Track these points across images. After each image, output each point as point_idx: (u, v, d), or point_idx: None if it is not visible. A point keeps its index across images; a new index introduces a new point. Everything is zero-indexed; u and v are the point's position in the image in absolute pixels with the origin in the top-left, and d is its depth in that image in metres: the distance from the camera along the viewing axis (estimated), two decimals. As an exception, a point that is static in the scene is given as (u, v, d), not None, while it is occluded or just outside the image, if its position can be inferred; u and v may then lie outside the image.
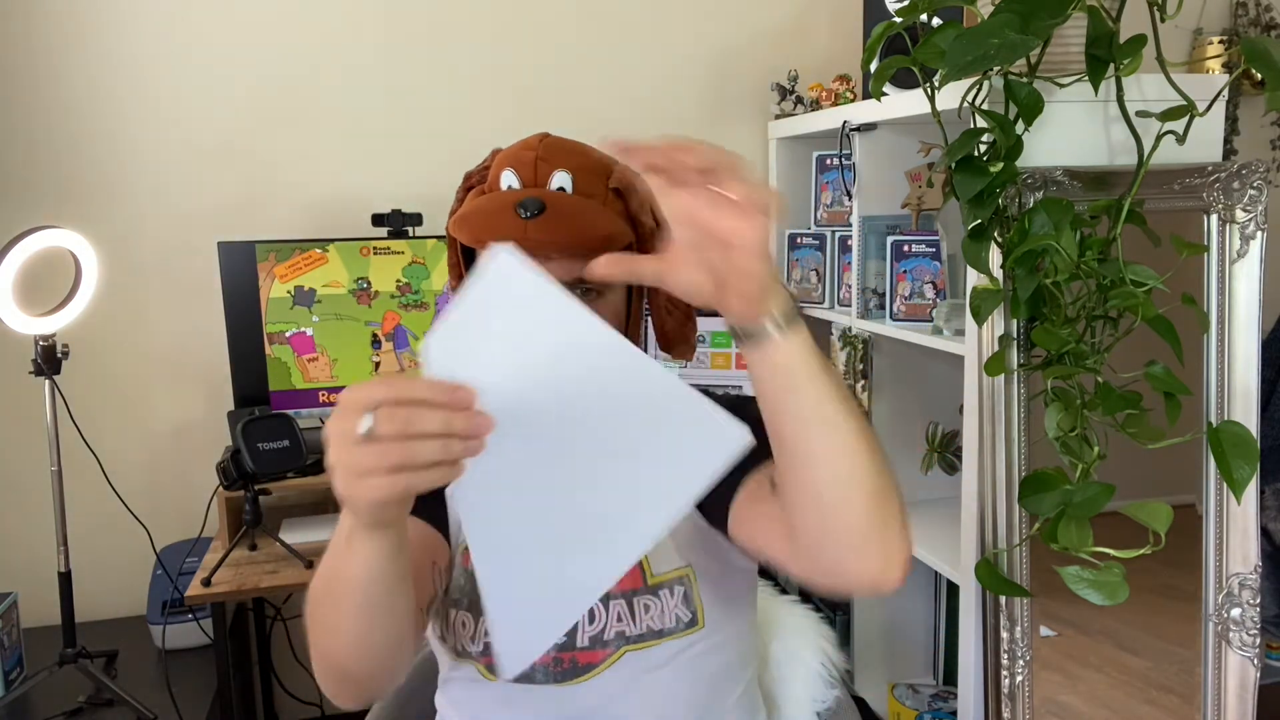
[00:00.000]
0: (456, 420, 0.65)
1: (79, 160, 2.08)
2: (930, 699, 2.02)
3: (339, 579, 0.79)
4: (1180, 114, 1.37)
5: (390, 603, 0.80)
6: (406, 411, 0.65)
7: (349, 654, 0.83)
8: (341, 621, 0.81)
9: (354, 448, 0.65)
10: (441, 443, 0.65)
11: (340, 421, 0.66)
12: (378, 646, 0.83)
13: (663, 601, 1.01)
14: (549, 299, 0.67)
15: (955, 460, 2.00)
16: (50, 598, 1.80)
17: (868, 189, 1.97)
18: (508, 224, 0.90)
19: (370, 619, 0.80)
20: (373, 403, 0.65)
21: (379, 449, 0.64)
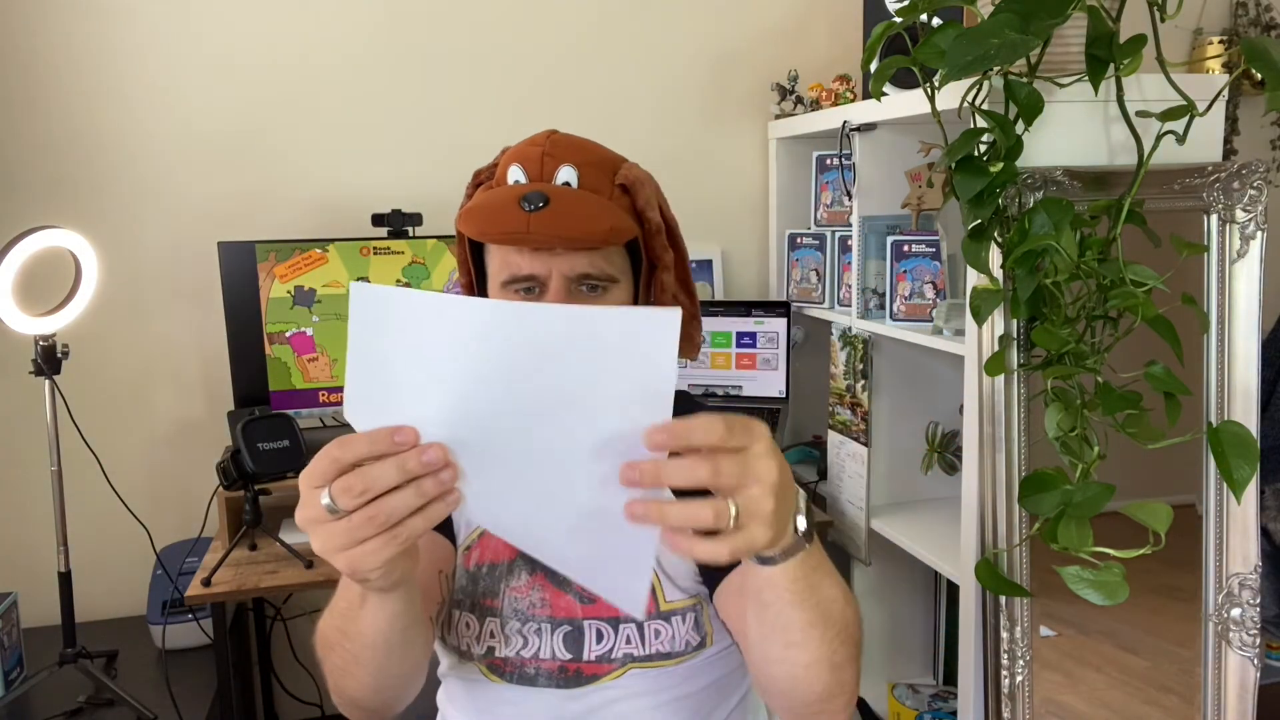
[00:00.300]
0: (410, 463, 0.64)
1: (79, 160, 2.08)
2: (930, 699, 2.02)
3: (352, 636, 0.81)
4: (1180, 114, 1.37)
5: (405, 648, 0.82)
6: (357, 479, 0.64)
7: (365, 694, 0.86)
8: (357, 670, 0.83)
9: (331, 527, 0.65)
10: (412, 489, 0.64)
11: (305, 510, 0.66)
12: (394, 682, 0.86)
13: (674, 627, 1.01)
14: (422, 304, 0.65)
15: (955, 460, 2.00)
16: (50, 598, 1.80)
17: (868, 189, 1.97)
18: (512, 217, 0.91)
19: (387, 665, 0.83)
20: (323, 480, 0.65)
21: (354, 522, 0.64)
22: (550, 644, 1.01)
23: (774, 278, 2.40)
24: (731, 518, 0.62)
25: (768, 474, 0.63)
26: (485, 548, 1.05)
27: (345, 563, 0.66)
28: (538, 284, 0.95)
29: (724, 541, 0.62)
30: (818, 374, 2.31)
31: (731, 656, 1.07)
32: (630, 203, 0.98)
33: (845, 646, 0.81)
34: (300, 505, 0.66)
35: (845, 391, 2.07)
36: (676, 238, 1.03)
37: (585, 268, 0.94)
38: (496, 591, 1.03)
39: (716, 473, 0.62)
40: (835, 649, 0.79)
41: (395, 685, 0.87)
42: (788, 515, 0.68)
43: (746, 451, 0.63)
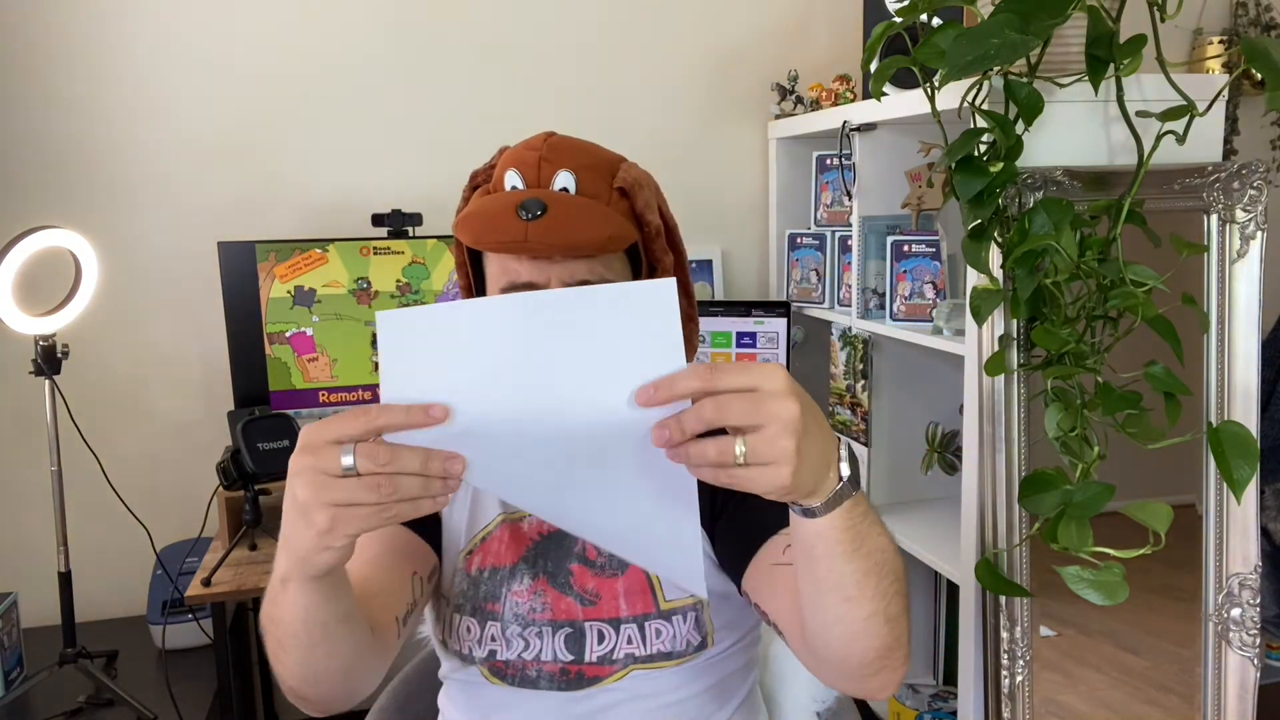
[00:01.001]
0: (434, 462, 0.66)
1: (79, 160, 2.08)
2: (930, 699, 2.02)
3: (277, 621, 0.80)
4: (1180, 114, 1.37)
5: (328, 642, 0.80)
6: (388, 448, 0.65)
7: (295, 681, 0.84)
8: (284, 656, 0.82)
9: (338, 482, 0.65)
10: (421, 480, 0.66)
11: (315, 458, 0.66)
12: (321, 674, 0.83)
13: (674, 626, 1.01)
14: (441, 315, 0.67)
15: (955, 460, 2.00)
16: (50, 598, 1.80)
17: (868, 189, 1.97)
18: (509, 225, 0.90)
19: (310, 656, 0.81)
20: (348, 439, 0.66)
21: (367, 482, 0.65)
22: (552, 646, 1.01)
23: (774, 278, 2.40)
24: (738, 455, 0.64)
25: (782, 412, 0.65)
26: (488, 552, 1.05)
27: (326, 519, 0.66)
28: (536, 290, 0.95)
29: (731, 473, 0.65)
30: (818, 374, 2.31)
31: (733, 658, 1.07)
32: (629, 206, 0.97)
33: (899, 598, 0.80)
34: (308, 453, 0.67)
35: (845, 391, 2.07)
36: (676, 239, 1.03)
37: (584, 274, 0.94)
38: (498, 596, 1.03)
39: (722, 412, 0.64)
40: (890, 600, 0.79)
41: (324, 678, 0.84)
42: (821, 460, 0.69)
43: (757, 391, 0.65)
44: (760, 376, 0.65)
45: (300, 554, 0.71)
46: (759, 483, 0.66)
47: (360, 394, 2.06)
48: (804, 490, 0.69)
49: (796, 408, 0.65)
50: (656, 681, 1.01)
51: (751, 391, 0.65)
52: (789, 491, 0.67)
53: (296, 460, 0.67)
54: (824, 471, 0.70)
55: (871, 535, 0.76)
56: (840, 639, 0.80)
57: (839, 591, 0.77)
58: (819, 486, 0.70)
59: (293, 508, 0.68)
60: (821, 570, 0.76)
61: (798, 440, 0.65)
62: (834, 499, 0.71)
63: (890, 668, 0.83)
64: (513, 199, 0.92)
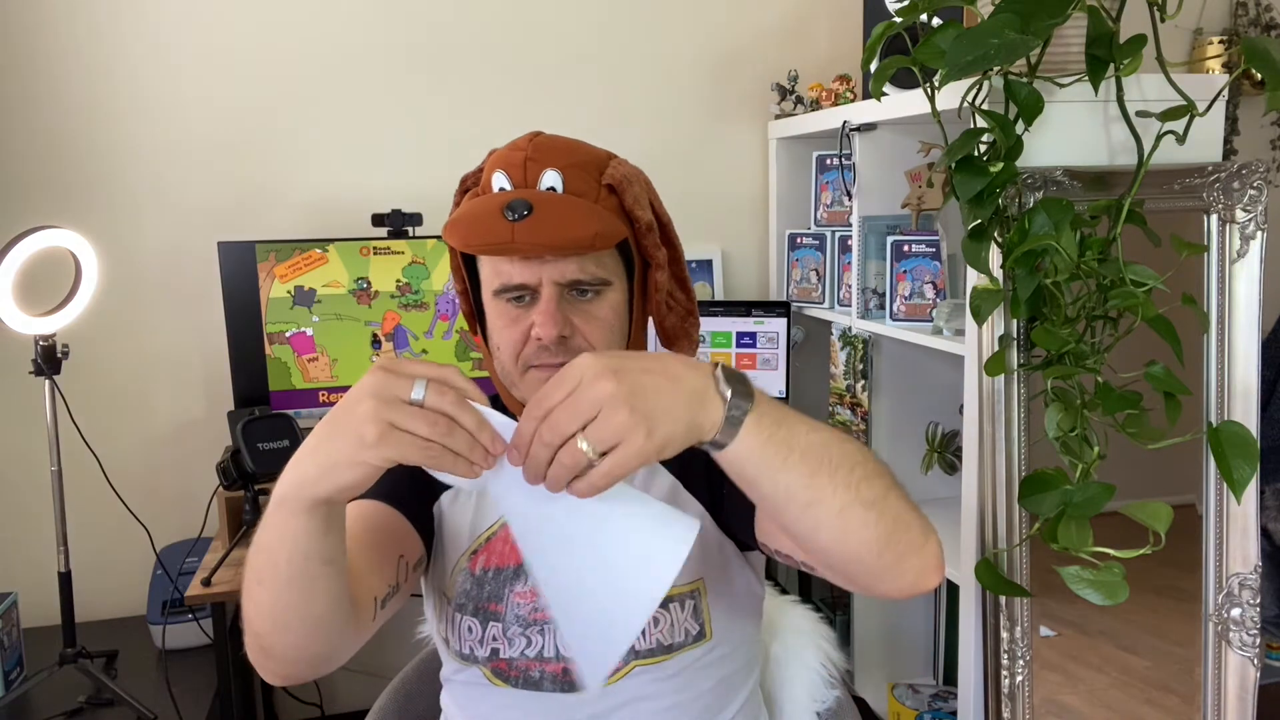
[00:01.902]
0: (485, 431, 0.69)
1: (79, 160, 2.08)
2: (930, 699, 2.02)
3: (259, 548, 0.78)
4: (1180, 114, 1.37)
5: (307, 581, 0.78)
6: (457, 396, 0.69)
7: (264, 625, 0.81)
8: (260, 591, 0.79)
9: (400, 405, 0.68)
10: (470, 440, 0.69)
11: (391, 378, 0.69)
12: (292, 620, 0.80)
13: (672, 615, 1.01)
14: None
15: (955, 460, 2.00)
16: (50, 598, 1.80)
17: (868, 189, 1.97)
18: (496, 227, 0.89)
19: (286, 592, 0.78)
20: (424, 376, 0.69)
21: (429, 416, 0.68)
22: (553, 642, 1.01)
23: (774, 278, 2.40)
24: (587, 451, 0.67)
25: (599, 393, 0.67)
26: (492, 553, 1.05)
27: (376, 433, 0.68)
28: (529, 292, 0.94)
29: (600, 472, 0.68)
30: (818, 374, 2.31)
31: (735, 656, 1.07)
32: (618, 203, 0.97)
33: (868, 481, 0.79)
34: (385, 373, 0.69)
35: (845, 391, 2.07)
36: (670, 234, 1.02)
37: (576, 274, 0.93)
38: (501, 596, 1.03)
39: (555, 428, 0.67)
40: (859, 487, 0.78)
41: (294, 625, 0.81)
42: (680, 403, 0.70)
43: (576, 389, 0.68)
44: (571, 375, 0.69)
45: (318, 469, 0.71)
46: (624, 463, 0.68)
47: (360, 394, 2.05)
48: (680, 437, 0.70)
49: (610, 382, 0.67)
50: (659, 683, 1.01)
51: (571, 394, 0.68)
52: (662, 448, 0.69)
53: (370, 377, 0.69)
54: (695, 410, 0.71)
55: (798, 436, 0.75)
56: (831, 543, 0.79)
57: (795, 501, 0.76)
58: (702, 422, 0.71)
59: (337, 419, 0.70)
60: (766, 489, 0.76)
61: (630, 406, 0.67)
62: (729, 423, 0.72)
63: (913, 549, 0.82)
64: (499, 200, 0.92)
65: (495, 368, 1.01)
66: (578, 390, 0.68)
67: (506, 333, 0.96)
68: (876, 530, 0.79)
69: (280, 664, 0.85)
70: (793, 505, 0.77)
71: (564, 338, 0.93)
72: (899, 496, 0.83)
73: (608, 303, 0.97)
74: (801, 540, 0.82)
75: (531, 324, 0.94)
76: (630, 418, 0.67)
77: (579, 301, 0.95)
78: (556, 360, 0.94)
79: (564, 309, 0.94)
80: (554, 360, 0.94)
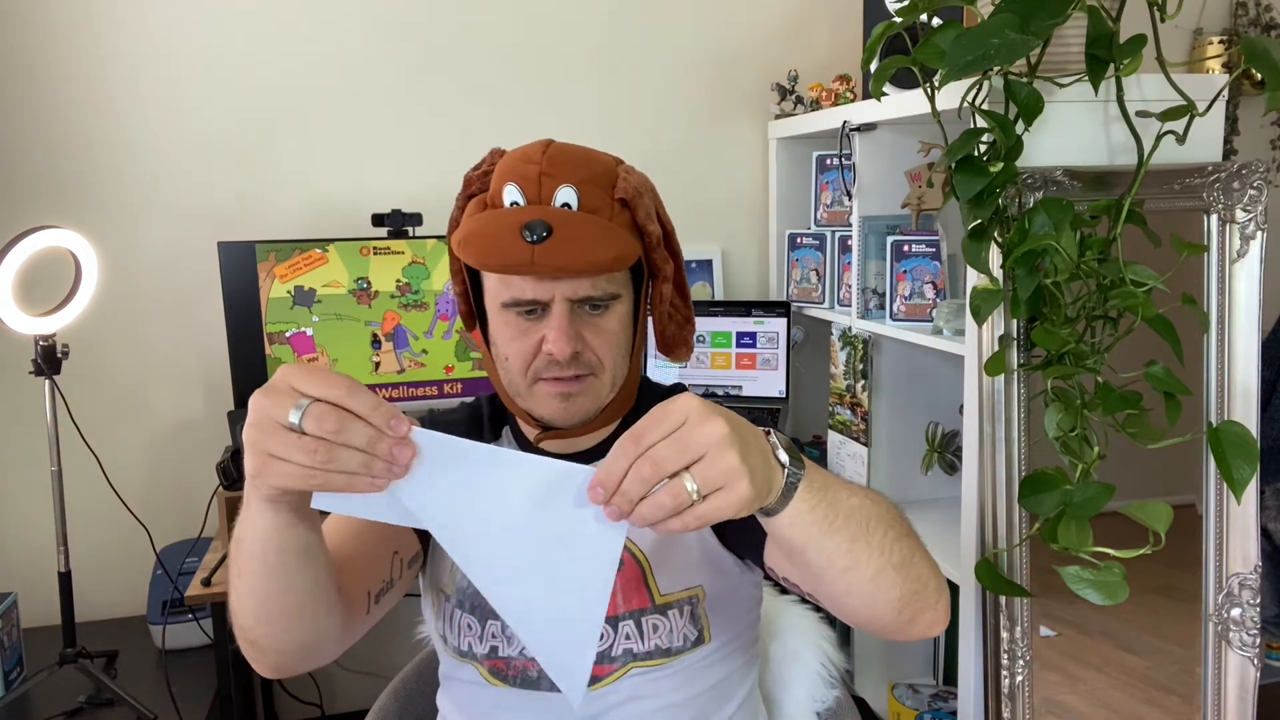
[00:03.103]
0: (381, 445, 0.66)
1: (79, 160, 2.08)
2: (930, 699, 2.02)
3: (237, 540, 0.78)
4: (1180, 114, 1.37)
5: (284, 572, 0.78)
6: (338, 418, 0.65)
7: (246, 619, 0.82)
8: (239, 584, 0.80)
9: (277, 430, 0.65)
10: (364, 458, 0.66)
11: (270, 402, 0.66)
12: (274, 611, 0.81)
13: (671, 621, 1.01)
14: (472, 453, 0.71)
15: (955, 460, 2.00)
16: (50, 598, 1.80)
17: (868, 189, 1.97)
18: (514, 248, 0.89)
19: (264, 586, 0.79)
20: (307, 395, 0.65)
21: (301, 443, 0.65)
22: None
23: (774, 278, 2.40)
24: (692, 492, 0.65)
25: (709, 436, 0.66)
26: None
27: (258, 464, 0.67)
28: (539, 306, 0.94)
29: (696, 513, 0.66)
30: (818, 374, 2.31)
31: (732, 659, 1.07)
32: (630, 217, 0.97)
33: (899, 543, 0.81)
34: (267, 393, 0.67)
35: (845, 391, 2.07)
36: (673, 244, 1.03)
37: (588, 290, 0.93)
38: None
39: (658, 465, 0.65)
40: (890, 550, 0.79)
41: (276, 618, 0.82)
42: (764, 461, 0.70)
43: (679, 430, 0.66)
44: (677, 413, 0.67)
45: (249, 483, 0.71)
46: (725, 509, 0.66)
47: (360, 394, 2.05)
48: (764, 493, 0.70)
49: (724, 424, 0.66)
50: (656, 683, 1.01)
51: (675, 432, 0.66)
52: (754, 501, 0.68)
53: (253, 400, 0.67)
54: (771, 469, 0.71)
55: (840, 501, 0.77)
56: (860, 605, 0.81)
57: (835, 567, 0.78)
58: (773, 482, 0.71)
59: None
60: (810, 556, 0.77)
61: (739, 452, 0.66)
62: (786, 490, 0.72)
63: (928, 606, 0.84)
64: (515, 219, 0.91)
65: (501, 377, 1.00)
66: (684, 429, 0.66)
67: (515, 344, 0.96)
68: (900, 591, 0.81)
69: (267, 654, 0.86)
70: (832, 570, 0.78)
71: (576, 353, 0.94)
72: (923, 556, 0.85)
73: (616, 315, 0.97)
74: (831, 600, 0.83)
75: (541, 338, 0.94)
76: (741, 464, 0.66)
77: (589, 315, 0.95)
78: (567, 373, 0.95)
79: (575, 324, 0.94)
80: (564, 374, 0.95)
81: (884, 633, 0.87)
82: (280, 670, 0.88)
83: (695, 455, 0.66)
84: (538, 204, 0.93)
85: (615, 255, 0.92)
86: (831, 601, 0.85)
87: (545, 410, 0.98)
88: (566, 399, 0.96)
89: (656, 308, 1.03)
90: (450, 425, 1.11)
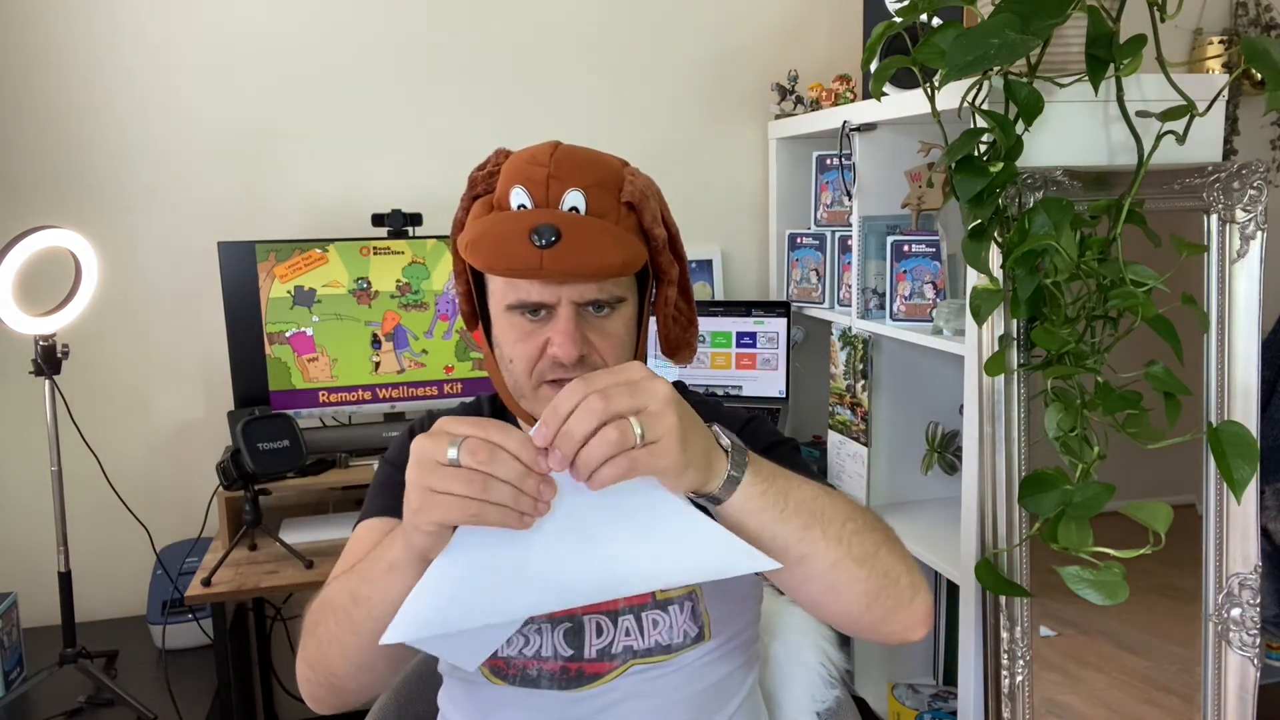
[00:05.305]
0: (529, 480, 0.71)
1: (79, 160, 2.08)
2: (930, 699, 2.02)
3: (365, 602, 0.82)
4: (1180, 114, 1.37)
5: None
6: (490, 450, 0.70)
7: (349, 671, 0.86)
8: (353, 640, 0.84)
9: (437, 468, 0.71)
10: (513, 491, 0.70)
11: (431, 443, 0.72)
12: (381, 669, 0.87)
13: (671, 617, 1.01)
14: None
15: (955, 460, 2.00)
16: (50, 598, 1.80)
17: (868, 189, 1.97)
18: (522, 253, 0.89)
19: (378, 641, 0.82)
20: (461, 435, 0.71)
21: (459, 474, 0.70)
22: (551, 641, 1.01)
23: (774, 278, 2.40)
24: (637, 435, 0.70)
25: (656, 391, 0.71)
26: None
27: (421, 500, 0.72)
28: (545, 308, 0.94)
29: (632, 456, 0.70)
30: (818, 374, 2.31)
31: (732, 656, 1.07)
32: (637, 221, 0.97)
33: (860, 536, 0.83)
34: (427, 438, 0.72)
35: (845, 391, 2.07)
36: (678, 246, 1.03)
37: (595, 294, 0.93)
38: None
39: (608, 401, 0.70)
40: (848, 542, 0.81)
41: (380, 672, 0.88)
42: (701, 440, 0.75)
43: (633, 381, 0.72)
44: (628, 370, 0.73)
45: (402, 536, 0.77)
46: (657, 461, 0.70)
47: (360, 394, 2.06)
48: (696, 468, 0.74)
49: (668, 388, 0.72)
50: (656, 681, 1.01)
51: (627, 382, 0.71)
52: (684, 467, 0.72)
53: (415, 443, 0.73)
54: (709, 452, 0.75)
55: (791, 490, 0.79)
56: (821, 595, 0.83)
57: (789, 553, 0.79)
58: (712, 467, 0.75)
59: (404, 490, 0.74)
60: (764, 542, 0.79)
61: (678, 415, 0.71)
62: (731, 476, 0.76)
63: (901, 604, 0.85)
64: (523, 223, 0.90)
65: (504, 378, 1.00)
66: (633, 381, 0.71)
67: (520, 347, 0.96)
68: (865, 585, 0.83)
69: (349, 698, 0.92)
70: (787, 558, 0.80)
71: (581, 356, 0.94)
72: (890, 551, 0.86)
73: (621, 318, 0.97)
74: (791, 592, 0.86)
75: (546, 340, 0.94)
76: (675, 424, 0.71)
77: (594, 318, 0.95)
78: (572, 375, 0.94)
79: (580, 326, 0.94)
80: (569, 376, 0.94)
81: (859, 630, 0.89)
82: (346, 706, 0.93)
83: (642, 404, 0.70)
84: (545, 207, 0.93)
85: (623, 260, 0.92)
86: (792, 592, 0.86)
87: None
88: None
89: (661, 311, 1.03)
90: None
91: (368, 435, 2.06)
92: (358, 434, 2.07)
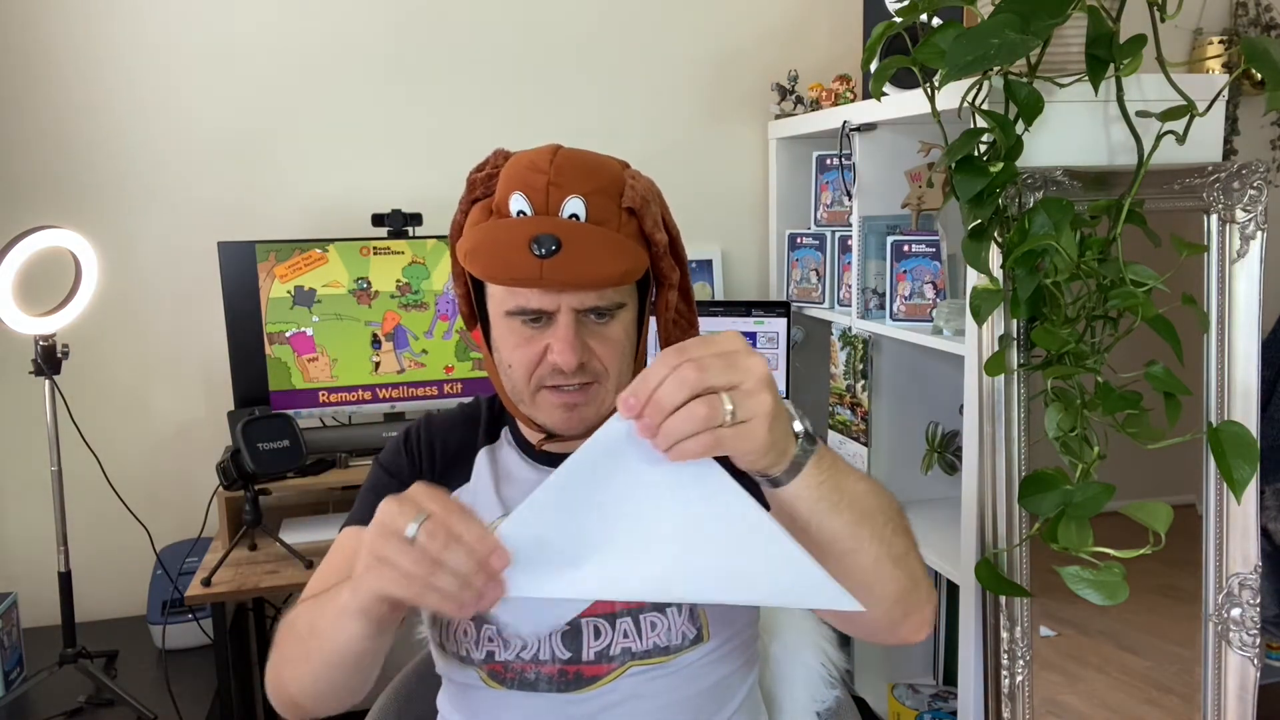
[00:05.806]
0: (477, 578, 0.70)
1: (79, 160, 2.08)
2: (930, 699, 2.02)
3: (318, 635, 0.83)
4: (1180, 114, 1.37)
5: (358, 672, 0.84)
6: (447, 536, 0.70)
7: (304, 694, 0.88)
8: (306, 667, 0.86)
9: (393, 539, 0.71)
10: (459, 583, 0.70)
11: (396, 512, 0.72)
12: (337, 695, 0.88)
13: (669, 619, 1.01)
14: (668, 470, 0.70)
15: (955, 460, 2.00)
16: (50, 598, 1.80)
17: (868, 189, 1.97)
18: (522, 262, 0.88)
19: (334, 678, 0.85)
20: (426, 513, 0.71)
21: (411, 552, 0.70)
22: (549, 645, 1.01)
23: (774, 278, 2.40)
24: (727, 412, 0.66)
25: (755, 368, 0.67)
26: None
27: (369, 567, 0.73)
28: (544, 316, 0.94)
29: (719, 435, 0.66)
30: (818, 374, 2.31)
31: (731, 658, 1.06)
32: (637, 226, 0.96)
33: (899, 536, 0.81)
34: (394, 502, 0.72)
35: (845, 391, 2.07)
36: (679, 250, 1.02)
37: (595, 301, 0.93)
38: None
39: (703, 372, 0.65)
40: (890, 540, 0.80)
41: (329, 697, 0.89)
42: (784, 420, 0.71)
43: (731, 353, 0.67)
44: (725, 341, 0.68)
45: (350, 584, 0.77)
46: (742, 443, 0.67)
47: (360, 394, 2.06)
48: (778, 450, 0.71)
49: (764, 365, 0.68)
50: (655, 682, 1.01)
51: (722, 352, 0.67)
52: (766, 450, 0.69)
53: (382, 505, 0.73)
54: (789, 432, 0.72)
55: (847, 483, 0.77)
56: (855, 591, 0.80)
57: (836, 546, 0.78)
58: (785, 451, 0.72)
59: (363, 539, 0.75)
60: (813, 533, 0.77)
61: (773, 398, 0.67)
62: (801, 457, 0.73)
63: (917, 607, 0.85)
64: (523, 231, 0.90)
65: (504, 382, 1.00)
66: (731, 353, 0.67)
67: (519, 352, 0.96)
68: (896, 586, 0.82)
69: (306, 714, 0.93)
70: (833, 550, 0.78)
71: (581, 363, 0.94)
72: (916, 556, 0.86)
73: (621, 324, 0.97)
74: None
75: (546, 346, 0.94)
76: (770, 403, 0.67)
77: (594, 324, 0.95)
78: (572, 383, 0.95)
79: (580, 333, 0.93)
80: (569, 383, 0.95)
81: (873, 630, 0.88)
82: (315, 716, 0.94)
83: (738, 380, 0.66)
84: (545, 215, 0.92)
85: (624, 270, 0.91)
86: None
87: (549, 419, 0.98)
88: (571, 409, 0.96)
89: (662, 315, 1.02)
90: (447, 428, 1.11)
91: (368, 435, 2.06)
92: (358, 434, 2.07)
